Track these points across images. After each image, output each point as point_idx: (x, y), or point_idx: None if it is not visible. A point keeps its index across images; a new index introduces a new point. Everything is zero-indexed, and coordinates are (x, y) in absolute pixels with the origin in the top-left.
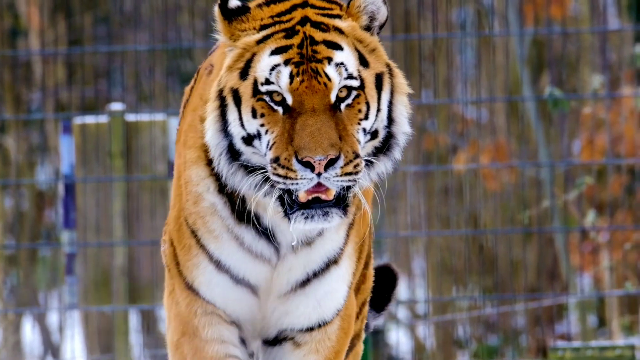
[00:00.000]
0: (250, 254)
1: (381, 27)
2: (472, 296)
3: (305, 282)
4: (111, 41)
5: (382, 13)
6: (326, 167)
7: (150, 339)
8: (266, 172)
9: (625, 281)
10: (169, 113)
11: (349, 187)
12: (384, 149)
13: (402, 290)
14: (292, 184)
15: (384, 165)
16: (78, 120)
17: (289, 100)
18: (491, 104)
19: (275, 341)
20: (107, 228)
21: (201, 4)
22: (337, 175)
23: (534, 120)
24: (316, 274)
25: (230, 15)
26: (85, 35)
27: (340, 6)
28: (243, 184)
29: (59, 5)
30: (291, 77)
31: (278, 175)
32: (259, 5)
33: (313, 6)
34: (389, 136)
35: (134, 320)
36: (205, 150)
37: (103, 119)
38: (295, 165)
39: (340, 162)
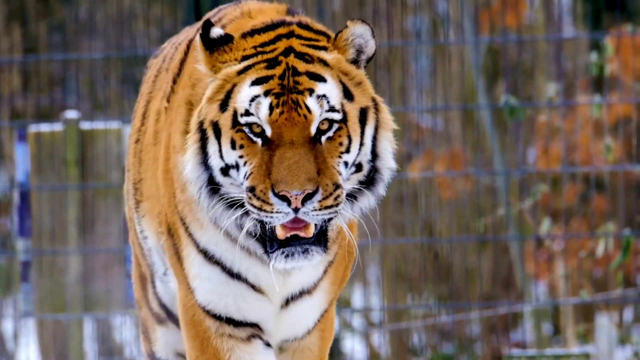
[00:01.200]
0: (242, 249)
1: (369, 60)
2: (427, 304)
3: (287, 302)
4: (66, 49)
5: (370, 47)
6: (303, 202)
7: (105, 347)
8: (245, 204)
9: (580, 289)
10: (124, 121)
11: (330, 219)
12: (368, 183)
13: (357, 298)
14: (267, 216)
15: (367, 200)
16: (33, 128)
17: (268, 132)
18: (446, 112)
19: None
20: (62, 236)
21: (156, 11)
22: (316, 210)
23: (489, 129)
24: (293, 298)
25: (212, 45)
26: (40, 43)
27: (328, 37)
28: (224, 218)
29: (13, 13)
30: (270, 108)
31: (253, 205)
32: (243, 35)
33: (299, 37)
34: (373, 171)
35: (88, 328)
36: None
37: (58, 127)
38: (272, 198)
39: (318, 196)
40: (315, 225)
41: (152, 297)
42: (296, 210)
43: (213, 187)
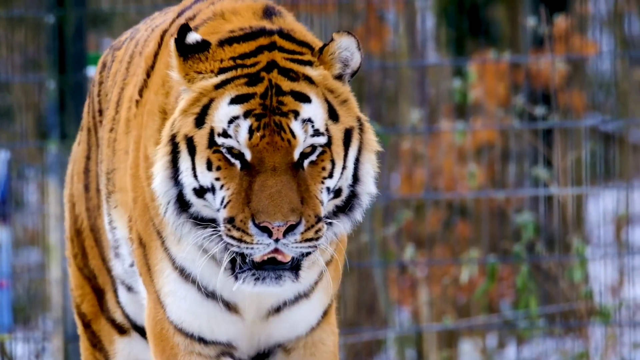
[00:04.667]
0: (218, 265)
1: (353, 74)
2: None
3: (278, 309)
4: None
5: (356, 60)
6: (285, 233)
7: None
8: (216, 226)
9: (443, 315)
10: None
11: (308, 253)
12: (345, 208)
13: None
14: (247, 248)
15: (342, 226)
16: None
17: (248, 156)
18: None
19: (263, 356)
20: None
21: (19, 37)
22: (297, 242)
23: None
24: (286, 304)
25: (187, 52)
26: None
27: (311, 49)
28: (191, 236)
29: None
30: (250, 132)
31: (232, 237)
32: (220, 43)
33: (282, 49)
34: (352, 195)
35: None
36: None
37: None
38: (252, 229)
39: (301, 228)
40: None
41: (114, 308)
42: (276, 240)
43: (181, 204)
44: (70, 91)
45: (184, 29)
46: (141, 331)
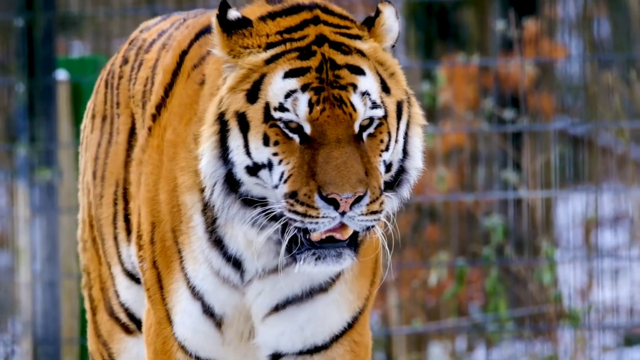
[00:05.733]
0: (218, 279)
1: (393, 45)
2: None
3: (277, 308)
4: None
5: (395, 30)
6: (352, 205)
7: None
8: (267, 205)
9: (412, 318)
10: None
11: (372, 226)
12: (393, 184)
13: None
14: (312, 222)
15: (392, 204)
16: None
17: (307, 130)
18: None
19: None
20: None
21: None
22: (362, 214)
23: None
24: (292, 301)
25: (230, 28)
26: None
27: (354, 22)
28: (239, 218)
29: None
30: (310, 105)
31: (296, 212)
32: (262, 18)
33: (327, 23)
34: (401, 171)
35: None
36: (199, 175)
37: None
38: (318, 202)
39: (367, 200)
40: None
41: (117, 307)
42: (342, 214)
43: (230, 184)
44: (39, 94)
45: (224, 6)
46: None
